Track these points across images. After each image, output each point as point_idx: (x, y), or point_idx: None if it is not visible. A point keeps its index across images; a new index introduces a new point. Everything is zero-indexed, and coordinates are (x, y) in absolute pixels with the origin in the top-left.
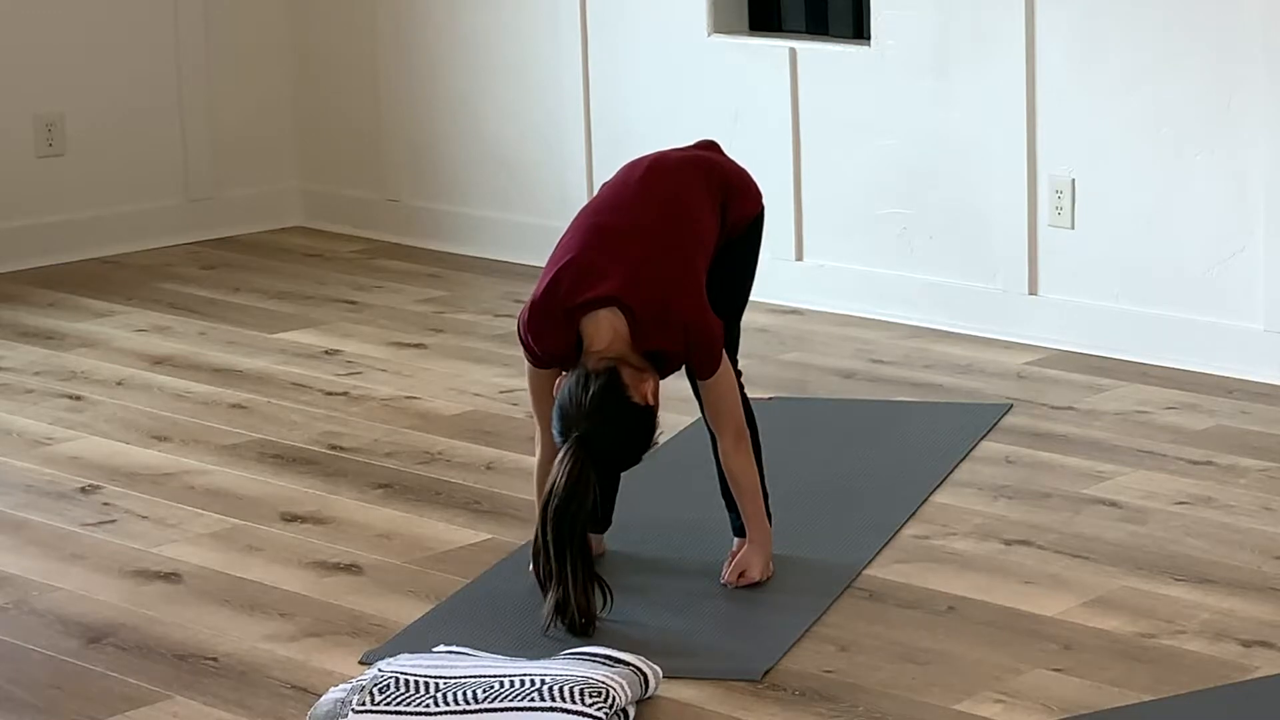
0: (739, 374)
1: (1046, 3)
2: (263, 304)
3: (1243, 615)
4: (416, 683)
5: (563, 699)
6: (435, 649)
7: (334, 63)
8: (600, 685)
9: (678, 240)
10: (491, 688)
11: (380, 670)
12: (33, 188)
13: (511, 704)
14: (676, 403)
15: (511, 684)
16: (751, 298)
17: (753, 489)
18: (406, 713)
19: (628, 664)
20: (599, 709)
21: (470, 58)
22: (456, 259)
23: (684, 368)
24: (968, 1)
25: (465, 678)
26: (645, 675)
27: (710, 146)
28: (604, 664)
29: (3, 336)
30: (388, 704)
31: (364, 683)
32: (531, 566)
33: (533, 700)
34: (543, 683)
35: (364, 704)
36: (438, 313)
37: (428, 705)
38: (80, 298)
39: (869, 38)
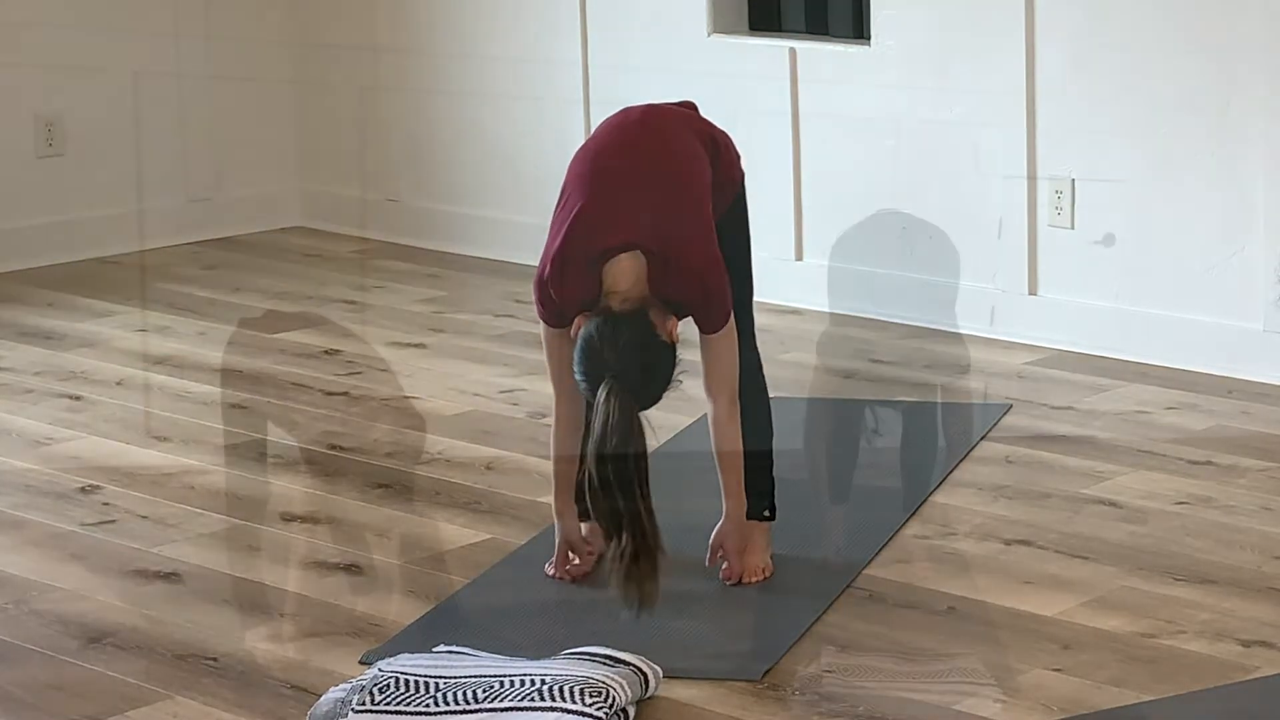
0: (757, 355)
1: (1046, 3)
2: (263, 304)
3: (1243, 615)
4: (416, 683)
5: (563, 699)
6: (435, 649)
7: (334, 63)
8: (600, 685)
9: (687, 184)
10: (491, 688)
11: (380, 670)
12: (33, 188)
13: (511, 704)
14: (676, 402)
15: (511, 684)
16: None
17: (735, 461)
18: (406, 713)
19: (628, 664)
20: (599, 709)
21: (470, 58)
22: (456, 259)
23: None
24: (968, 1)
25: (465, 678)
26: (645, 675)
27: (689, 106)
28: (604, 664)
29: (3, 336)
30: (388, 704)
31: (364, 683)
32: (550, 566)
33: (533, 700)
34: (543, 683)
35: (364, 704)
36: (438, 313)
37: (428, 705)
38: (80, 298)
39: (869, 37)
